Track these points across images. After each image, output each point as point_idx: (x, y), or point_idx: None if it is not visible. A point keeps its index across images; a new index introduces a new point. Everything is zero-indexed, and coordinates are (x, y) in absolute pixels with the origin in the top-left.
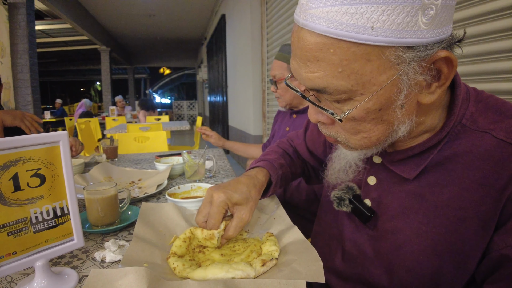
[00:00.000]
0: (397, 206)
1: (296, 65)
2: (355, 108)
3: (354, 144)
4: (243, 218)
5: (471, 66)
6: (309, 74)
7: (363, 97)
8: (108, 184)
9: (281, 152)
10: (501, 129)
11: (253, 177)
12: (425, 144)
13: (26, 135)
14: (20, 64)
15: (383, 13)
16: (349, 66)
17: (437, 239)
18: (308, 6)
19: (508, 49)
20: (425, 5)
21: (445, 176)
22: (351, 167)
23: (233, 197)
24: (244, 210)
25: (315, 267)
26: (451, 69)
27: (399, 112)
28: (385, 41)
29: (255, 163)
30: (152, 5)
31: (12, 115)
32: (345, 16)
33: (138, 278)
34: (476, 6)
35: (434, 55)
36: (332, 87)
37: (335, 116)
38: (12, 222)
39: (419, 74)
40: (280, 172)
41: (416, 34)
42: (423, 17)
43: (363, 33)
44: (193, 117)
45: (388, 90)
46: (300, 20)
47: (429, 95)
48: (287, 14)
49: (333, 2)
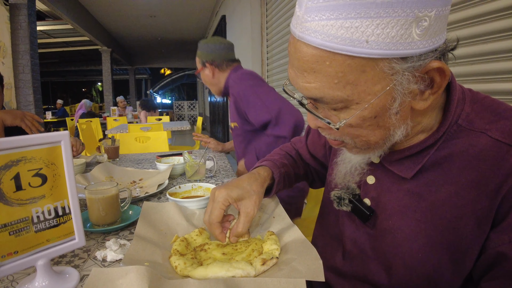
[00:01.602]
0: (396, 205)
1: (293, 74)
2: (352, 117)
3: (358, 145)
4: (249, 212)
5: (469, 67)
6: (306, 84)
7: (359, 106)
8: (109, 184)
9: (283, 154)
10: (496, 129)
11: (254, 173)
12: (422, 144)
13: (27, 135)
14: (22, 65)
15: (378, 27)
16: (345, 77)
17: (435, 237)
18: (304, 19)
19: (506, 50)
20: (419, 17)
21: (442, 175)
22: (357, 169)
23: (233, 192)
24: (249, 204)
25: (314, 266)
26: (444, 78)
27: (394, 118)
28: (379, 54)
29: (258, 163)
30: (153, 6)
31: (12, 115)
32: (340, 30)
33: (139, 277)
34: (474, 7)
35: (427, 66)
36: (328, 97)
37: (332, 125)
38: (13, 222)
39: (413, 84)
40: (283, 171)
41: (410, 45)
42: (417, 29)
43: (358, 46)
44: (193, 117)
45: (382, 99)
46: (297, 32)
47: (423, 101)
48: (286, 15)
49: (328, 16)
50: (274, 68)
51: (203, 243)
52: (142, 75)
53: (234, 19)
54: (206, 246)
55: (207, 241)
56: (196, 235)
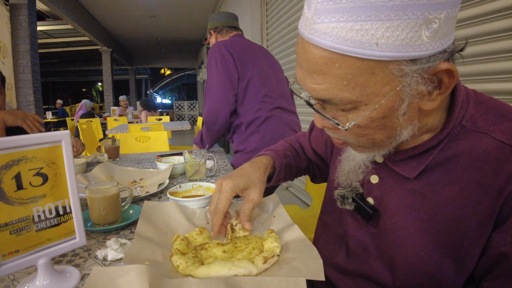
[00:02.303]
0: (399, 204)
1: (301, 75)
2: (360, 118)
3: (363, 144)
4: (253, 199)
5: (471, 67)
6: (315, 86)
7: (368, 107)
8: (110, 183)
9: (287, 146)
10: (500, 130)
11: (256, 162)
12: (426, 144)
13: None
14: (22, 65)
15: (388, 29)
16: (354, 79)
17: (437, 236)
18: (313, 21)
19: (506, 50)
20: (429, 20)
21: (445, 175)
22: (360, 167)
23: (240, 183)
24: (253, 191)
25: (315, 265)
26: (452, 79)
27: (402, 119)
28: (389, 56)
29: (261, 152)
30: (153, 6)
31: (14, 115)
32: (350, 33)
33: (139, 276)
34: (474, 7)
35: (436, 67)
36: (337, 98)
37: (340, 126)
38: (14, 221)
39: (421, 85)
40: (285, 161)
41: (419, 47)
42: (427, 31)
43: (368, 48)
44: (193, 118)
45: (391, 100)
46: (305, 34)
47: (430, 102)
48: (286, 15)
49: (338, 19)
50: None
51: (203, 242)
52: (142, 75)
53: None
54: (206, 245)
55: (207, 240)
56: (197, 234)
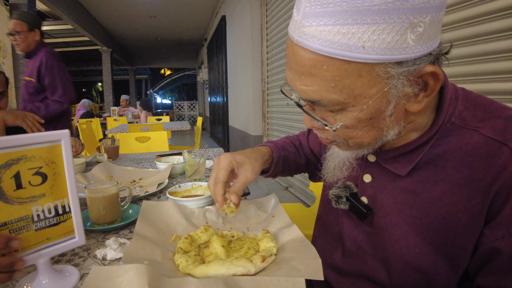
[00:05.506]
0: (392, 203)
1: (291, 76)
2: (348, 119)
3: (351, 144)
4: (248, 177)
5: (468, 67)
6: (304, 87)
7: (355, 108)
8: (109, 183)
9: (288, 141)
10: (488, 127)
11: (256, 148)
12: (416, 141)
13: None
14: (22, 65)
15: (374, 33)
16: (341, 81)
17: (430, 233)
18: (302, 24)
19: (505, 50)
20: (414, 23)
21: (436, 172)
22: (345, 164)
23: (236, 157)
24: (249, 168)
25: (313, 264)
26: (437, 82)
27: (388, 119)
28: (375, 59)
29: (260, 144)
30: (153, 6)
31: (14, 114)
32: (337, 36)
33: (138, 275)
34: (474, 7)
35: (421, 70)
36: (325, 100)
37: (328, 127)
38: (14, 220)
39: (407, 87)
40: (283, 154)
41: (405, 50)
42: (412, 35)
43: (355, 51)
44: (193, 118)
45: (378, 101)
46: (294, 36)
47: (416, 104)
48: (286, 16)
49: (325, 22)
50: (274, 68)
51: (207, 240)
52: (142, 75)
53: (234, 19)
54: (209, 242)
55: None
56: (201, 232)
